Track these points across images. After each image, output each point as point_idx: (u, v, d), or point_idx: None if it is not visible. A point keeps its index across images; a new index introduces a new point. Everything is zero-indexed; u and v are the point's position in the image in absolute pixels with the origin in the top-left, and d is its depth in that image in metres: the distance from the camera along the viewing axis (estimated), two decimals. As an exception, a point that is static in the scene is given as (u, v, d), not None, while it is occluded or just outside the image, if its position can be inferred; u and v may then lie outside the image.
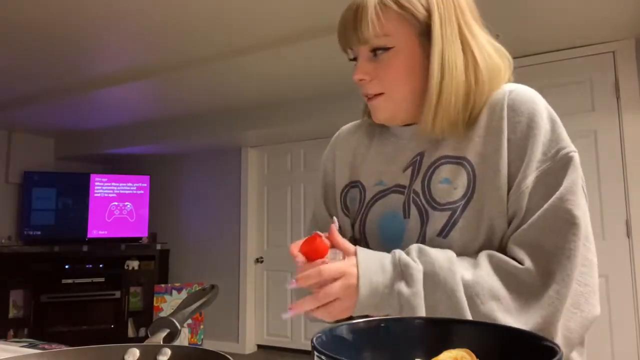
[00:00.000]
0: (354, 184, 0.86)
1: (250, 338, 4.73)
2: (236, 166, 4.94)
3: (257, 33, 2.81)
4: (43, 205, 4.82)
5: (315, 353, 0.36)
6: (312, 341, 0.38)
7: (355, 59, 0.78)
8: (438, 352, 0.40)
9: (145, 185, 5.14)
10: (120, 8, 2.48)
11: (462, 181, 0.71)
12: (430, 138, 0.78)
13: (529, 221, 0.67)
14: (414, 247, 0.69)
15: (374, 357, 0.44)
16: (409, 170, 0.78)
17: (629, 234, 2.67)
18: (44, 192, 4.84)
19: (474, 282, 0.65)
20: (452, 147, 0.75)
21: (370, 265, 0.67)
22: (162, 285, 4.64)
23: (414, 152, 0.79)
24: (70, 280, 4.52)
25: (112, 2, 2.42)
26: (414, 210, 0.75)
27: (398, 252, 0.69)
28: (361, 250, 0.69)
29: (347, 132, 0.93)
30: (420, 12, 0.72)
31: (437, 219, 0.71)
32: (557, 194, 0.66)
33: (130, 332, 4.70)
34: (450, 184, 0.72)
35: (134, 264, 4.80)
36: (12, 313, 4.48)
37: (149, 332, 0.66)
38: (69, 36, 2.81)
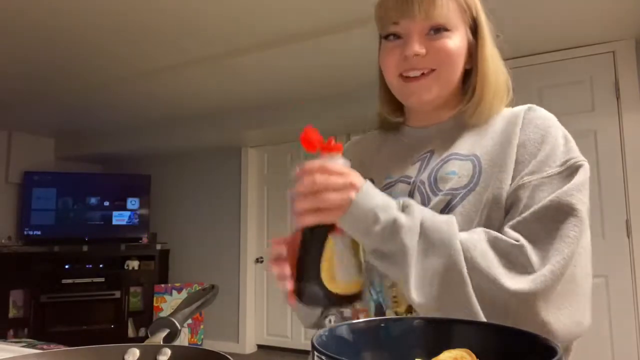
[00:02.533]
0: None
1: (250, 338, 4.73)
2: (236, 166, 4.94)
3: (258, 33, 2.81)
4: (43, 205, 4.82)
5: (315, 353, 0.36)
6: (312, 341, 0.38)
7: (390, 36, 0.79)
8: (438, 352, 0.40)
9: (146, 184, 5.15)
10: (121, 9, 2.48)
11: (467, 172, 0.74)
12: (443, 139, 0.81)
13: (530, 210, 0.67)
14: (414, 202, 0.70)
15: (374, 357, 0.44)
16: (418, 164, 0.81)
17: (629, 234, 2.67)
18: (44, 192, 4.84)
19: (466, 239, 0.64)
20: (463, 148, 0.78)
21: (373, 191, 0.67)
22: (162, 285, 4.64)
23: (424, 150, 0.82)
24: (70, 280, 4.52)
25: (113, 4, 2.42)
26: (417, 198, 0.76)
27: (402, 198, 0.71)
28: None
29: (353, 142, 0.98)
30: (474, 8, 0.79)
31: (436, 204, 0.73)
32: (564, 187, 0.68)
33: (130, 332, 4.69)
34: (455, 175, 0.74)
35: (134, 264, 4.80)
36: (12, 313, 4.48)
37: (149, 332, 0.66)
38: (70, 36, 2.81)
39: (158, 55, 3.10)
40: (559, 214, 0.66)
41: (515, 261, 0.63)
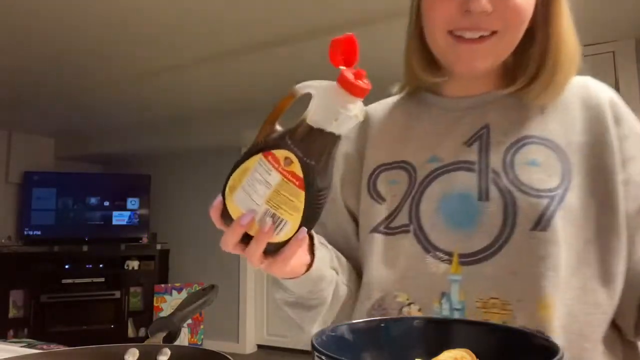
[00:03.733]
0: (395, 165, 0.70)
1: (250, 338, 4.72)
2: (236, 166, 4.93)
3: (257, 33, 2.81)
4: (43, 205, 4.82)
5: (315, 353, 0.36)
6: (312, 341, 0.38)
7: None
8: (438, 352, 0.40)
9: (146, 184, 5.14)
10: (123, 10, 2.48)
11: (555, 168, 0.61)
12: (499, 113, 0.66)
13: None
14: None
15: (373, 357, 0.44)
16: (476, 145, 0.64)
17: (629, 234, 2.67)
18: (44, 192, 4.84)
19: None
20: (534, 127, 0.64)
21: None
22: (162, 285, 4.64)
23: (476, 125, 0.66)
24: (70, 280, 4.52)
25: (115, 4, 2.42)
26: (494, 192, 0.61)
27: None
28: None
29: (381, 109, 0.77)
30: None
31: (532, 207, 0.59)
32: None
33: (130, 332, 4.69)
34: (539, 167, 0.61)
35: (134, 264, 4.80)
36: (12, 313, 4.47)
37: (149, 332, 0.66)
38: (70, 37, 2.80)
39: (158, 55, 3.10)
40: None
41: None
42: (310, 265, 0.60)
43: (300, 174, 0.47)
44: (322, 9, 2.50)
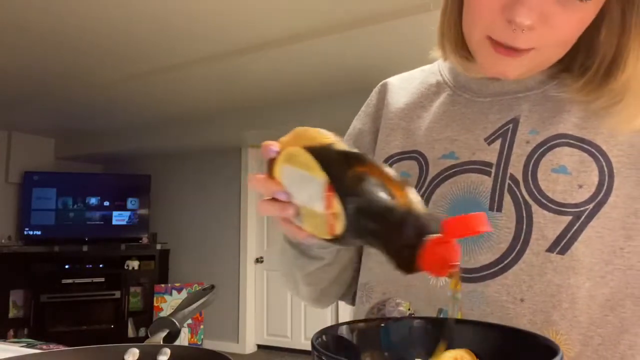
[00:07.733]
0: (407, 155, 0.61)
1: (250, 338, 4.73)
2: (236, 166, 4.94)
3: (257, 33, 2.81)
4: (43, 205, 4.83)
5: (315, 353, 0.36)
6: (312, 341, 0.38)
7: None
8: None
9: (146, 184, 5.15)
10: (121, 10, 2.48)
11: (589, 178, 0.50)
12: (533, 103, 0.56)
13: None
14: None
15: (373, 357, 0.44)
16: (497, 143, 0.55)
17: (629, 234, 2.67)
18: (44, 192, 4.84)
19: None
20: (574, 124, 0.53)
21: None
22: (162, 285, 4.64)
23: (504, 117, 0.56)
24: (70, 280, 4.52)
25: (113, 6, 2.42)
26: (508, 204, 0.52)
27: None
28: None
29: (404, 83, 0.68)
30: None
31: (550, 224, 0.50)
32: None
33: (130, 332, 4.70)
34: (569, 176, 0.51)
35: (134, 264, 4.80)
36: (12, 313, 4.48)
37: (149, 332, 0.66)
38: (70, 37, 2.81)
39: (158, 55, 3.10)
40: None
41: None
42: None
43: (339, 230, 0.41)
44: (323, 8, 2.50)
